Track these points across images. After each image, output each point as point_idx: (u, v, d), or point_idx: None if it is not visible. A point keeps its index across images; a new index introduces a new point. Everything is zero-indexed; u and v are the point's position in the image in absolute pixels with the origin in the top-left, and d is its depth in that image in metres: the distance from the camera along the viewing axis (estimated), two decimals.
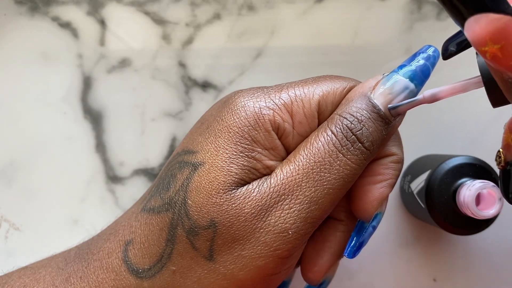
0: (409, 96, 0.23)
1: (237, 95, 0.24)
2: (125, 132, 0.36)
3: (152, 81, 0.36)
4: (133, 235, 0.23)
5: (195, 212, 0.22)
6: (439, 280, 0.36)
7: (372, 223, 0.25)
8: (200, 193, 0.22)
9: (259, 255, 0.22)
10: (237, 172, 0.22)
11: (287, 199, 0.22)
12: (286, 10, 0.36)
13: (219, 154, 0.22)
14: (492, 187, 0.28)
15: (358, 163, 0.23)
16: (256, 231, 0.21)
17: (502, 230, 0.36)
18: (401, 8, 0.37)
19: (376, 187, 0.24)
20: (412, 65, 0.23)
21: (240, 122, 0.23)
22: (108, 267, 0.23)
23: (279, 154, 0.23)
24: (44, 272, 0.25)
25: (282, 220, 0.21)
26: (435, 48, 0.24)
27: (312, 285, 0.26)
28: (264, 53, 0.36)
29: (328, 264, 0.25)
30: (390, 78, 0.23)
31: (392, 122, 0.23)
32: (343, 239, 0.26)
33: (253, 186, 0.22)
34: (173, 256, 0.22)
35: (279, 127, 0.23)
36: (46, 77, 0.36)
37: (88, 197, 0.36)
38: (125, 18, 0.36)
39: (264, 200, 0.22)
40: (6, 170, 0.36)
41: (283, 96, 0.23)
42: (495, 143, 0.36)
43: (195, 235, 0.22)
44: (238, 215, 0.21)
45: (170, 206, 0.22)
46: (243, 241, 0.22)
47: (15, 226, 0.36)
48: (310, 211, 0.22)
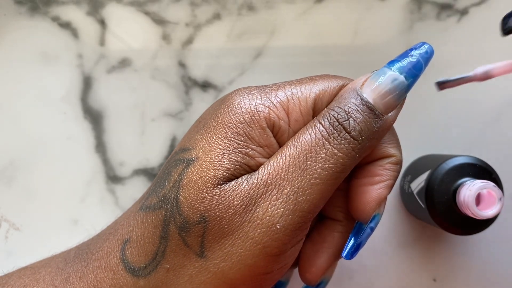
0: (399, 87, 0.23)
1: (234, 93, 0.24)
2: (125, 132, 0.36)
3: (152, 81, 0.36)
4: (130, 234, 0.23)
5: (186, 208, 0.22)
6: (439, 280, 0.36)
7: (370, 225, 0.24)
8: (191, 189, 0.22)
9: (248, 252, 0.21)
10: (229, 167, 0.22)
11: (274, 189, 0.21)
12: (286, 10, 0.36)
13: (212, 149, 0.22)
14: (492, 187, 0.28)
15: (346, 152, 0.22)
16: (244, 224, 0.21)
17: (502, 230, 0.36)
18: (401, 8, 0.37)
19: (374, 188, 0.24)
20: (404, 61, 0.23)
21: (235, 118, 0.23)
22: (106, 267, 0.23)
23: (273, 151, 0.23)
24: (44, 272, 0.25)
25: (270, 212, 0.21)
26: (429, 45, 0.24)
27: (309, 286, 0.26)
28: (264, 53, 0.36)
29: (326, 264, 0.25)
30: (379, 72, 0.23)
31: (383, 116, 0.23)
32: (341, 240, 0.26)
33: (242, 179, 0.22)
34: (167, 254, 0.22)
35: (275, 124, 0.23)
36: (46, 77, 0.36)
37: (88, 197, 0.36)
38: (125, 18, 0.36)
39: (252, 191, 0.21)
40: (6, 170, 0.36)
41: (280, 94, 0.23)
42: (495, 143, 0.36)
43: (186, 231, 0.22)
44: (228, 208, 0.21)
45: (164, 203, 0.22)
46: (232, 236, 0.21)
47: (15, 226, 0.36)
48: (298, 202, 0.21)
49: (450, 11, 0.37)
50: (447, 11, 0.37)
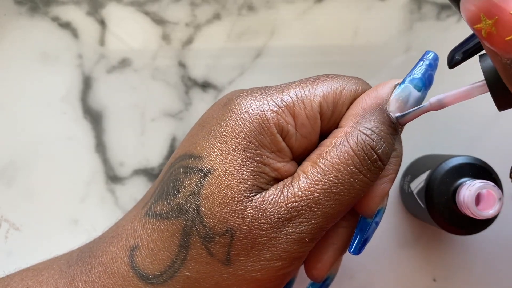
0: (420, 109, 0.23)
1: (238, 98, 0.24)
2: (125, 132, 0.36)
3: (152, 81, 0.36)
4: (138, 240, 0.23)
5: (210, 219, 0.22)
6: (439, 280, 0.36)
7: (375, 219, 0.25)
8: (214, 201, 0.22)
9: (277, 258, 0.22)
10: (248, 178, 0.22)
11: (305, 214, 0.22)
12: (286, 10, 0.36)
13: (228, 161, 0.23)
14: (492, 187, 0.28)
15: (375, 179, 0.24)
16: (273, 239, 0.22)
17: (502, 230, 0.36)
18: (401, 8, 0.37)
19: (378, 183, 0.25)
20: (417, 73, 0.24)
21: (245, 127, 0.23)
22: (113, 273, 0.23)
23: (285, 155, 0.24)
24: (47, 274, 0.25)
25: (299, 230, 0.22)
26: (433, 52, 0.24)
27: (316, 282, 0.26)
28: (264, 53, 0.36)
29: (332, 260, 0.26)
30: (404, 89, 0.24)
31: (399, 132, 0.24)
32: (345, 235, 0.26)
33: (268, 198, 0.22)
34: (187, 262, 0.22)
35: (283, 129, 0.23)
36: (46, 77, 0.36)
37: (88, 197, 0.36)
38: (125, 18, 0.36)
39: (281, 214, 0.22)
40: (6, 170, 0.36)
41: (285, 97, 0.24)
42: (495, 143, 0.36)
43: (211, 241, 0.22)
44: (254, 223, 0.22)
45: (181, 213, 0.23)
46: (260, 247, 0.22)
47: (15, 226, 0.36)
48: (326, 222, 0.23)
49: (450, 11, 0.37)
50: (447, 11, 0.37)
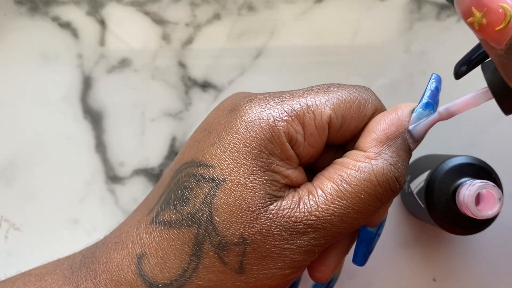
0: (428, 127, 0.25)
1: (248, 104, 0.24)
2: (125, 132, 0.36)
3: (152, 81, 0.36)
4: (146, 248, 0.23)
5: (224, 229, 0.22)
6: (439, 280, 0.36)
7: (378, 231, 0.26)
8: (227, 211, 0.22)
9: (287, 267, 0.23)
10: (261, 187, 0.23)
11: (319, 231, 0.23)
12: (286, 10, 0.36)
13: (240, 170, 0.23)
14: (492, 187, 0.28)
15: (390, 203, 0.25)
16: (286, 249, 0.22)
17: (502, 230, 0.36)
18: (401, 8, 0.37)
19: None
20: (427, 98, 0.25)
21: (256, 136, 0.23)
22: (120, 281, 0.23)
23: (293, 162, 0.24)
24: (50, 280, 0.24)
25: (311, 244, 0.23)
26: (436, 74, 0.25)
27: (320, 284, 0.26)
28: (264, 53, 0.36)
29: (335, 261, 0.26)
30: (420, 116, 0.24)
31: None
32: (348, 238, 0.26)
33: (283, 211, 0.23)
34: (199, 271, 0.22)
35: (292, 138, 0.23)
36: (46, 77, 0.36)
37: (88, 197, 0.36)
38: (125, 18, 0.36)
39: (296, 228, 0.22)
40: (6, 170, 0.36)
41: (295, 106, 0.24)
42: (495, 143, 0.36)
43: (224, 250, 0.22)
44: (269, 234, 0.22)
45: (193, 222, 0.23)
46: (273, 256, 0.23)
47: (15, 226, 0.36)
48: (337, 238, 0.24)
49: (450, 11, 0.37)
50: (447, 11, 0.37)
